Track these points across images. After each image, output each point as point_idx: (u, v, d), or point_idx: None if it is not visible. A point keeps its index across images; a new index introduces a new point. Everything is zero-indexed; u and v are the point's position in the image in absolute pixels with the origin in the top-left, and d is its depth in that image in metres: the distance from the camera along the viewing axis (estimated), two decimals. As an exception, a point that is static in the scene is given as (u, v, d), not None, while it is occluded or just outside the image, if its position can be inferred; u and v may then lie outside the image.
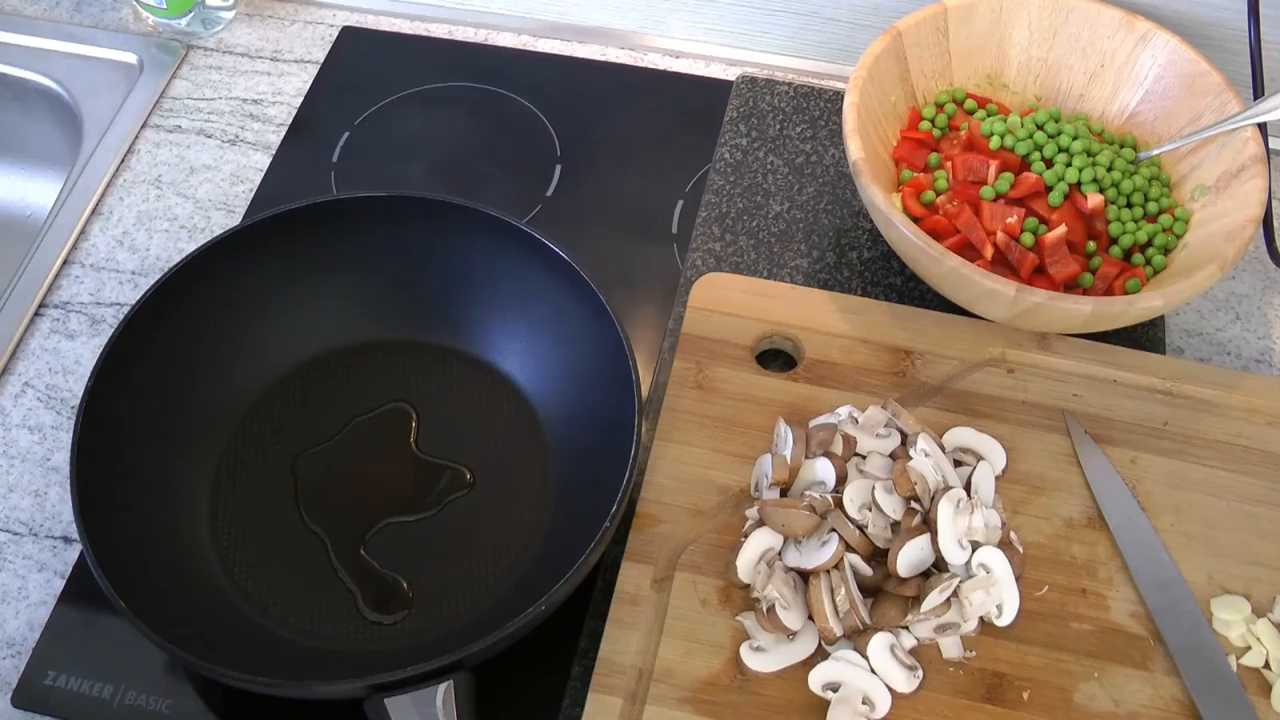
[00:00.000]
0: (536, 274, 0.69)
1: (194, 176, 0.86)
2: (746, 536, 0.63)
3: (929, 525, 0.61)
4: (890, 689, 0.59)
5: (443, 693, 0.55)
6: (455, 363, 0.74)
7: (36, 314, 0.79)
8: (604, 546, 0.59)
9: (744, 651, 0.61)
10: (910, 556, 0.60)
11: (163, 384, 0.68)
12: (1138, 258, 0.73)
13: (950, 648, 0.62)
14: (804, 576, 0.62)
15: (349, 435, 0.71)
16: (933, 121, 0.78)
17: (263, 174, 0.86)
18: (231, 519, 0.68)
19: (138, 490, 0.64)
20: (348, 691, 0.55)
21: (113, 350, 0.65)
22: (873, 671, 0.59)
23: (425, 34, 0.96)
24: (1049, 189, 0.74)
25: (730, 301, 0.74)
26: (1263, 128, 0.71)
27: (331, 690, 0.56)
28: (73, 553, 0.69)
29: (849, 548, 0.61)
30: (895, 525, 0.62)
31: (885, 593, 0.61)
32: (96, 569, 0.57)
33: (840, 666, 0.59)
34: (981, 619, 0.61)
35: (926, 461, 0.63)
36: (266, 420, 0.72)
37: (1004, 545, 0.62)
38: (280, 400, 0.72)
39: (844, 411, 0.67)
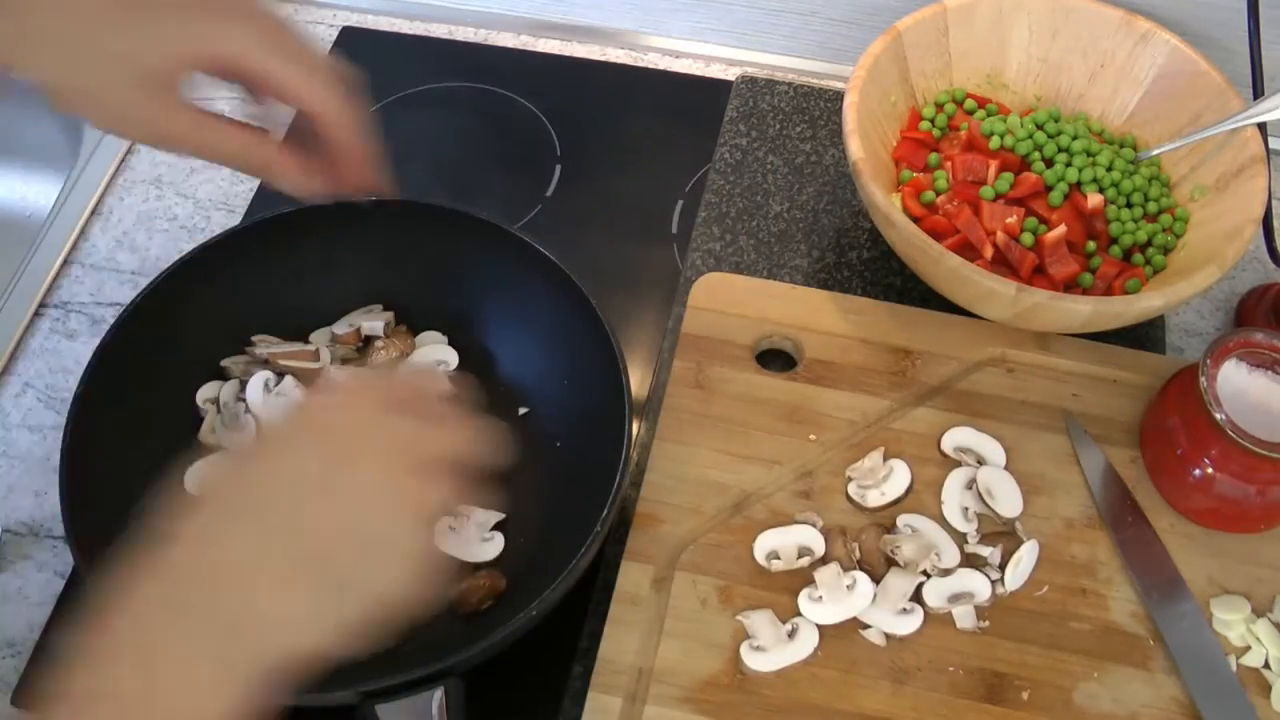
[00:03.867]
0: (526, 278, 0.69)
1: (194, 176, 0.86)
2: None
3: None
4: None
5: (435, 699, 0.55)
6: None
7: (37, 314, 0.79)
8: (595, 550, 0.59)
9: (744, 651, 0.61)
10: None
11: (156, 386, 0.67)
12: (1137, 257, 0.73)
13: (964, 618, 0.62)
14: None
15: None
16: (932, 121, 0.78)
17: (263, 174, 0.86)
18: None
19: (129, 495, 0.64)
20: (339, 699, 0.55)
21: (105, 352, 0.64)
22: None
23: (425, 34, 0.96)
24: (1049, 189, 0.74)
25: (730, 301, 0.74)
26: (1262, 128, 0.71)
27: (322, 698, 0.55)
28: (73, 552, 0.69)
29: None
30: None
31: None
32: (87, 575, 0.57)
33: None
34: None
35: None
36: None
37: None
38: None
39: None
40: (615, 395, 0.63)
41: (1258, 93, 0.75)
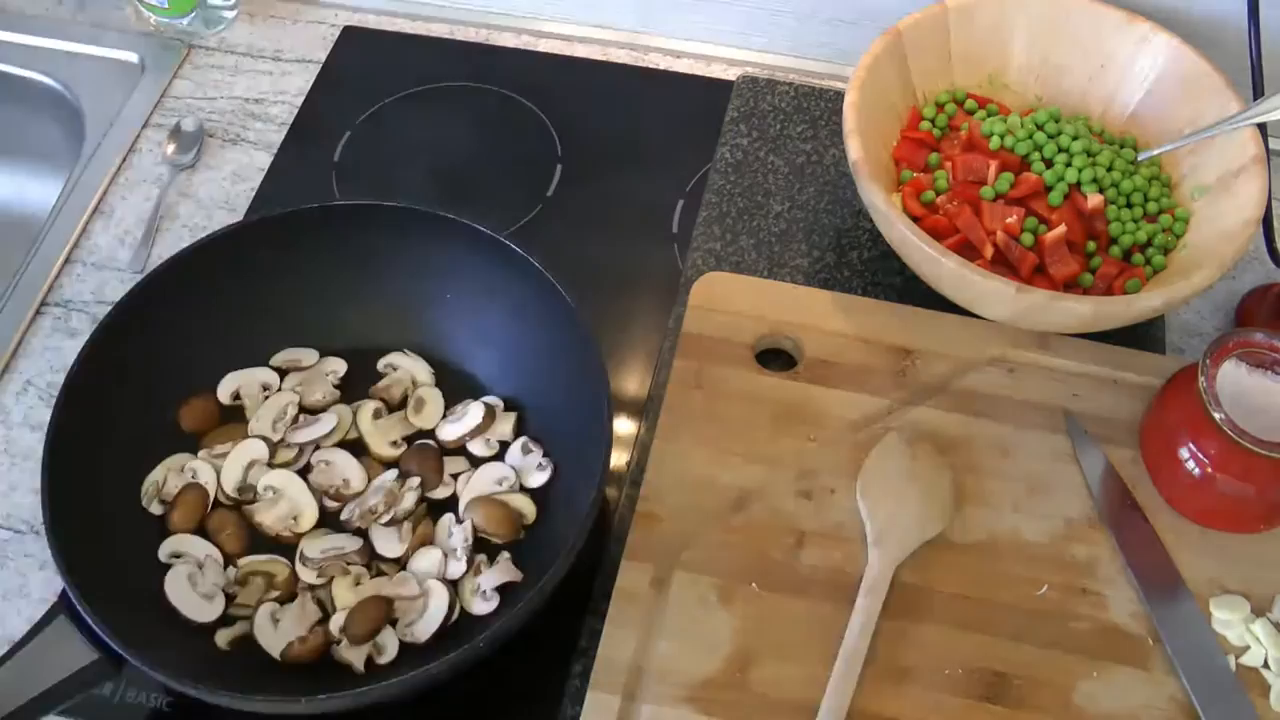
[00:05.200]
0: (506, 280, 0.69)
1: (195, 175, 0.87)
2: None
3: None
4: None
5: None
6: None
7: (38, 312, 0.79)
8: (566, 568, 0.58)
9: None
10: None
11: (144, 385, 0.67)
12: (1137, 258, 0.73)
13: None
14: None
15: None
16: (933, 121, 0.78)
17: (264, 173, 0.86)
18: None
19: (116, 496, 0.65)
20: (305, 707, 0.55)
21: (94, 348, 0.64)
22: None
23: (426, 34, 0.96)
24: (1049, 189, 0.74)
25: (731, 301, 0.74)
26: (1262, 128, 0.71)
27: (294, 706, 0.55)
28: (74, 551, 0.69)
29: None
30: None
31: None
32: (71, 585, 0.57)
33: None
34: None
35: None
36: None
37: None
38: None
39: None
40: (596, 406, 0.62)
41: (1257, 93, 0.75)
